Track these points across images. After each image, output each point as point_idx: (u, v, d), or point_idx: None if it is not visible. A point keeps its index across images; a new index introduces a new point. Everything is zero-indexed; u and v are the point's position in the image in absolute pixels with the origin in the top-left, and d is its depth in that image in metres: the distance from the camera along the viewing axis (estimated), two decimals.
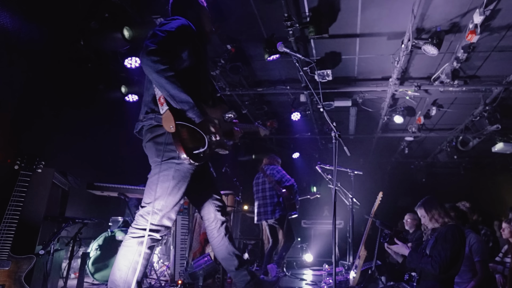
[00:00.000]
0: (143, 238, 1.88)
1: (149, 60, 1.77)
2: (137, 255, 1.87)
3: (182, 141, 1.82)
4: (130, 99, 5.51)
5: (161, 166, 1.92)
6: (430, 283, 2.70)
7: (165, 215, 1.94)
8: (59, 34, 4.15)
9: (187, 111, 1.84)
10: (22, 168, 2.57)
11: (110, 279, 1.90)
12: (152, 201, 1.92)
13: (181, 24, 2.00)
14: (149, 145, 2.02)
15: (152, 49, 1.78)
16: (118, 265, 1.88)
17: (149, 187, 1.97)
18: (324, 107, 2.57)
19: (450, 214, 2.91)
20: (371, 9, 4.19)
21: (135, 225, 1.93)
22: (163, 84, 1.79)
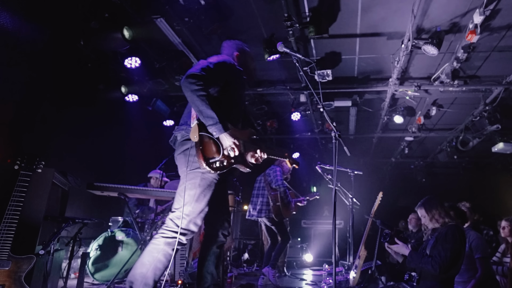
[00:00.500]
0: (171, 239, 2.07)
1: (186, 81, 2.12)
2: (161, 254, 2.04)
3: (202, 150, 2.10)
4: (130, 99, 5.51)
5: (188, 175, 2.17)
6: (430, 283, 2.70)
7: (191, 220, 2.13)
8: (59, 34, 4.14)
9: (210, 125, 2.10)
10: (22, 168, 2.57)
11: (131, 272, 2.04)
12: (180, 206, 2.12)
13: (222, 60, 2.38)
14: (180, 156, 2.29)
15: (191, 73, 2.14)
16: (142, 260, 2.04)
17: (178, 194, 2.19)
18: (324, 107, 2.58)
19: (450, 214, 2.91)
20: (371, 9, 4.19)
21: (165, 227, 2.12)
22: (194, 101, 2.10)
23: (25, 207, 2.57)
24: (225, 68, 2.36)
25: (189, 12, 4.16)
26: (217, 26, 4.41)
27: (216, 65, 2.29)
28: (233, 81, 2.41)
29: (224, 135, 2.11)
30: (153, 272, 2.00)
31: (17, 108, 3.66)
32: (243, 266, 6.52)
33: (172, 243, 2.06)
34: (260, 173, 5.20)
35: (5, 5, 3.33)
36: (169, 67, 5.20)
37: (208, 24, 4.38)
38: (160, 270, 2.03)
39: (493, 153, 7.23)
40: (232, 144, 2.13)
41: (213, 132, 2.11)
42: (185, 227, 2.11)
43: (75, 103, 4.71)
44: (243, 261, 6.72)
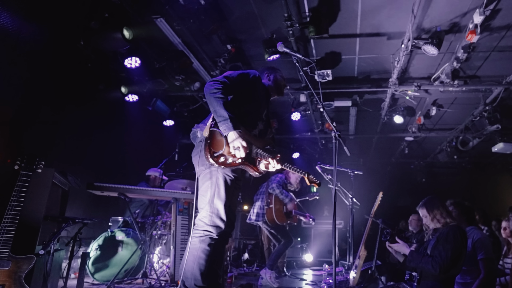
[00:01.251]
0: (203, 237, 2.26)
1: (208, 85, 2.32)
2: (200, 251, 2.24)
3: (209, 144, 2.25)
4: (130, 99, 5.51)
5: (207, 175, 2.33)
6: (430, 283, 2.70)
7: (217, 216, 2.27)
8: (59, 34, 4.14)
9: (220, 122, 2.23)
10: (22, 168, 2.57)
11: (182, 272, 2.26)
12: (205, 205, 2.30)
13: (246, 73, 2.59)
14: (196, 158, 2.43)
15: (213, 79, 2.35)
16: (187, 260, 2.25)
17: (201, 195, 2.36)
18: (324, 107, 2.60)
19: (452, 214, 2.90)
20: (371, 9, 4.19)
21: (196, 227, 2.30)
22: (211, 101, 2.27)
23: (25, 207, 2.56)
24: (247, 79, 2.55)
25: (189, 12, 4.16)
26: (217, 26, 4.42)
27: (240, 75, 2.51)
28: (255, 92, 2.58)
29: (233, 133, 2.20)
30: (198, 268, 2.20)
31: (17, 108, 3.66)
32: (243, 266, 6.52)
33: (205, 239, 2.24)
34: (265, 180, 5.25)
35: (5, 5, 3.33)
36: (169, 67, 5.20)
37: (208, 24, 4.38)
38: (204, 264, 2.21)
39: (493, 153, 7.23)
40: (239, 144, 2.20)
41: (222, 129, 2.21)
42: (211, 223, 2.26)
43: (75, 103, 4.70)
44: (243, 261, 6.72)
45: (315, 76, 5.35)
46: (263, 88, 2.74)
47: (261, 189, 5.15)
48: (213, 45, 4.97)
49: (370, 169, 10.77)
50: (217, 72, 5.50)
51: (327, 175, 5.07)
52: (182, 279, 2.25)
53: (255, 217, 4.89)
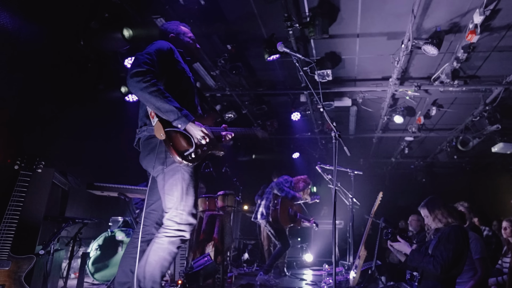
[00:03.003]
0: (174, 238, 2.08)
1: (132, 81, 1.99)
2: (166, 253, 2.06)
3: (173, 146, 2.04)
4: (130, 99, 5.50)
5: (168, 173, 2.12)
6: (431, 283, 2.70)
7: (188, 213, 2.12)
8: (59, 34, 4.14)
9: (173, 119, 2.02)
10: (22, 168, 2.57)
11: (138, 270, 2.05)
12: (174, 204, 2.10)
13: (159, 46, 2.24)
14: (150, 157, 2.19)
15: (134, 71, 2.01)
16: (148, 259, 2.04)
17: (167, 194, 2.13)
18: (324, 107, 2.57)
19: (453, 214, 2.90)
20: (371, 9, 4.19)
21: (166, 227, 2.10)
22: (148, 99, 1.99)
23: (25, 207, 2.56)
24: (164, 55, 2.23)
25: (189, 12, 4.16)
26: (217, 26, 4.42)
27: (154, 55, 2.15)
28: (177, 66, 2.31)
29: (190, 125, 2.05)
30: (159, 270, 2.04)
31: (17, 108, 3.66)
32: (243, 266, 6.52)
33: (175, 241, 2.08)
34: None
35: (5, 5, 3.33)
36: None
37: (208, 24, 4.38)
38: (166, 268, 2.07)
39: (493, 153, 7.23)
40: (201, 133, 2.08)
41: (178, 125, 2.04)
42: (185, 221, 2.10)
43: (75, 103, 4.70)
44: (243, 261, 6.72)
45: (315, 76, 5.35)
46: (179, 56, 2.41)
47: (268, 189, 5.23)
48: (213, 45, 4.96)
49: (370, 169, 10.78)
50: (217, 72, 5.50)
51: (327, 175, 5.07)
52: (137, 279, 2.02)
53: (260, 216, 4.99)
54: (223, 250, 4.30)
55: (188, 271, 3.57)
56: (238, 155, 8.78)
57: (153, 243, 2.08)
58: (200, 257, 3.73)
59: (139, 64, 2.03)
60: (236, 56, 5.03)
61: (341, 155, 2.46)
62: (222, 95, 6.26)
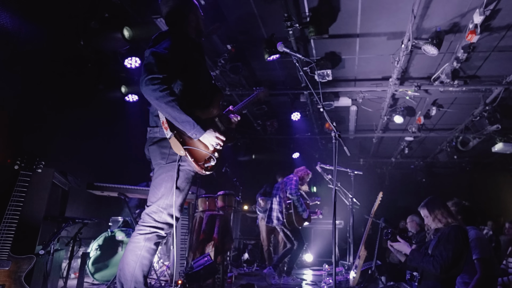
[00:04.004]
0: (149, 234, 2.01)
1: (148, 89, 1.90)
2: (144, 251, 1.99)
3: (195, 161, 2.04)
4: (130, 99, 5.51)
5: (165, 167, 2.09)
6: (431, 283, 2.70)
7: (169, 213, 2.05)
8: (59, 34, 4.14)
9: (189, 130, 1.98)
10: (22, 168, 2.57)
11: (118, 274, 1.99)
12: (157, 200, 2.05)
13: (173, 42, 2.09)
14: (153, 148, 2.16)
15: (150, 77, 1.90)
16: (126, 260, 1.98)
17: (154, 187, 2.10)
18: (324, 107, 2.56)
19: (453, 214, 2.90)
20: (371, 9, 4.19)
21: (142, 222, 2.04)
22: (164, 108, 1.93)
23: (25, 207, 2.56)
24: (180, 51, 2.11)
25: None
26: (217, 26, 4.41)
27: (169, 55, 2.02)
28: (192, 57, 2.21)
29: (206, 134, 2.02)
30: (140, 269, 1.97)
31: (17, 108, 3.66)
32: (243, 266, 6.52)
33: (152, 237, 2.01)
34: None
35: (5, 5, 3.33)
36: None
37: (208, 24, 4.38)
38: (147, 266, 2.00)
39: (493, 153, 7.24)
40: (216, 139, 2.07)
41: (191, 134, 1.99)
42: (163, 220, 2.03)
43: (75, 103, 4.70)
44: (243, 261, 6.72)
45: (315, 76, 5.35)
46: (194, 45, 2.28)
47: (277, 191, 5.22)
48: (213, 45, 4.96)
49: (370, 169, 10.78)
50: (217, 72, 5.50)
51: (327, 175, 5.07)
52: (119, 282, 1.97)
53: (276, 221, 5.06)
54: (223, 250, 4.30)
55: (188, 271, 3.57)
56: (238, 155, 8.78)
57: (130, 243, 2.02)
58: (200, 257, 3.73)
59: (153, 70, 1.91)
60: (236, 56, 5.03)
61: (341, 155, 2.46)
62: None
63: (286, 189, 5.06)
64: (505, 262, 3.85)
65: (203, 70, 2.31)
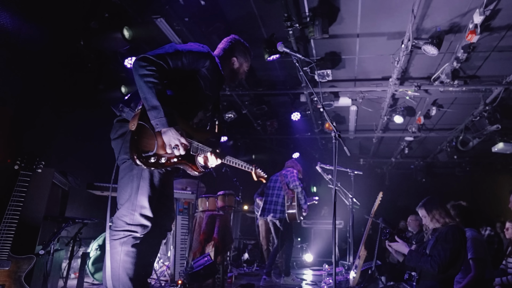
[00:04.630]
0: (124, 238, 1.93)
1: (136, 64, 1.91)
2: (123, 255, 1.91)
3: (136, 141, 1.85)
4: None
5: (130, 165, 1.99)
6: (430, 282, 2.70)
7: (141, 214, 1.96)
8: (59, 34, 4.14)
9: (153, 116, 1.87)
10: (22, 168, 2.57)
11: (105, 280, 1.95)
12: (125, 201, 1.98)
13: (197, 50, 2.12)
14: (117, 142, 2.10)
15: (144, 56, 1.91)
16: (110, 267, 1.92)
17: (120, 188, 2.02)
18: (324, 107, 2.55)
19: (451, 214, 2.90)
20: (371, 9, 4.19)
21: (114, 227, 1.97)
22: (141, 87, 1.89)
23: (25, 207, 2.56)
24: (194, 60, 2.09)
25: (189, 12, 4.16)
26: (217, 26, 4.41)
27: (181, 53, 2.02)
28: (205, 76, 2.15)
29: (169, 130, 1.87)
30: (125, 273, 1.91)
31: (17, 108, 3.66)
32: (243, 266, 6.52)
33: (127, 241, 1.93)
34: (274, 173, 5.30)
35: (5, 5, 3.33)
36: None
37: (208, 24, 4.38)
38: (131, 269, 1.92)
39: (493, 153, 7.24)
40: (178, 142, 1.90)
41: (155, 125, 1.87)
42: (134, 222, 1.93)
43: (75, 103, 4.70)
44: (243, 261, 6.72)
45: (315, 76, 5.35)
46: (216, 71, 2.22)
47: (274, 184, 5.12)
48: (213, 45, 4.94)
49: (370, 169, 10.78)
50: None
51: (327, 175, 5.07)
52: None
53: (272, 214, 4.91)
54: (223, 250, 4.30)
55: (188, 271, 3.57)
56: (238, 155, 8.78)
57: (107, 250, 1.94)
58: (200, 257, 3.73)
59: (156, 54, 1.94)
60: None
61: (341, 155, 2.46)
62: (222, 95, 6.26)
63: (287, 181, 4.98)
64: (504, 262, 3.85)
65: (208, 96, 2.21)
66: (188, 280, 3.56)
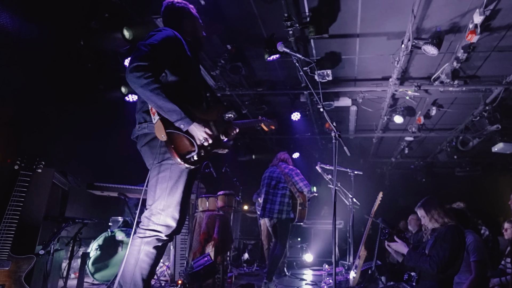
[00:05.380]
0: (149, 238, 1.96)
1: (132, 77, 1.85)
2: (142, 254, 1.95)
3: (174, 148, 1.92)
4: (130, 99, 5.51)
5: (158, 168, 2.04)
6: (429, 283, 2.70)
7: (168, 214, 2.00)
8: (59, 34, 4.14)
9: (175, 120, 1.90)
10: (22, 168, 2.57)
11: (121, 275, 1.98)
12: (153, 202, 2.01)
13: (165, 35, 2.08)
14: (144, 149, 2.14)
15: (134, 65, 1.86)
16: (127, 262, 1.95)
17: (150, 189, 2.06)
18: (324, 107, 2.56)
19: (450, 214, 2.91)
20: (371, 9, 4.19)
21: (141, 225, 2.01)
22: (149, 97, 1.87)
23: (25, 207, 2.57)
24: (170, 46, 2.07)
25: None
26: (217, 26, 4.41)
27: (159, 45, 1.98)
28: (184, 57, 2.16)
29: (194, 126, 1.92)
30: (139, 272, 1.93)
31: (17, 108, 3.66)
32: (243, 266, 6.53)
33: (151, 241, 1.96)
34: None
35: (5, 5, 3.33)
36: None
37: (208, 24, 4.37)
38: (146, 269, 1.95)
39: (493, 153, 7.24)
40: (204, 134, 1.97)
41: (181, 126, 1.91)
42: (162, 222, 1.98)
43: (75, 103, 4.70)
44: (243, 261, 6.72)
45: (315, 76, 5.35)
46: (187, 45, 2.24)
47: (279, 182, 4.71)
48: (213, 45, 4.96)
49: (370, 169, 10.78)
50: (217, 72, 5.50)
51: (327, 175, 5.07)
52: (119, 283, 1.94)
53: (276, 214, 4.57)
54: (223, 250, 4.30)
55: (188, 271, 3.57)
56: (238, 155, 8.78)
57: (130, 245, 1.98)
58: (200, 257, 3.73)
59: (140, 57, 1.88)
60: (236, 56, 5.03)
61: (341, 155, 2.46)
62: (222, 95, 6.26)
63: (295, 181, 4.58)
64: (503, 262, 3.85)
65: (195, 72, 2.25)
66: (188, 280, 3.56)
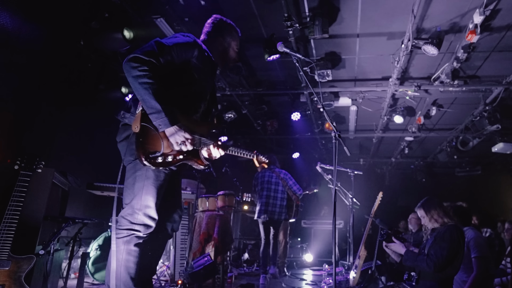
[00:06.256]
0: (127, 237, 1.95)
1: (128, 65, 1.87)
2: (125, 254, 1.94)
3: (142, 143, 1.89)
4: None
5: (135, 166, 2.00)
6: (429, 283, 2.70)
7: (144, 213, 1.97)
8: (59, 34, 4.14)
9: (154, 117, 1.88)
10: (22, 168, 2.57)
11: (107, 278, 1.96)
12: (130, 201, 1.99)
13: (183, 41, 2.09)
14: (122, 144, 2.11)
15: (134, 56, 1.87)
16: (112, 268, 1.93)
17: (126, 188, 2.03)
18: (324, 107, 2.55)
19: (449, 214, 2.91)
20: (371, 9, 4.19)
21: (118, 226, 1.99)
22: (137, 89, 1.87)
23: (25, 207, 2.56)
24: (183, 52, 2.07)
25: (189, 12, 4.16)
26: None
27: (170, 48, 2.00)
28: (192, 64, 2.12)
29: (173, 128, 1.89)
30: (126, 272, 1.93)
31: (18, 108, 3.66)
32: (243, 266, 6.53)
33: (130, 240, 1.95)
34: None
35: (5, 5, 3.33)
36: None
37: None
38: (132, 268, 1.94)
39: (493, 153, 7.24)
40: (182, 138, 1.92)
41: (158, 125, 1.88)
42: (139, 221, 1.95)
43: (75, 103, 4.70)
44: (243, 261, 6.73)
45: (315, 76, 5.35)
46: (206, 58, 2.20)
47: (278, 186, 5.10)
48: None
49: (370, 169, 10.78)
50: (217, 72, 5.49)
51: (327, 175, 5.07)
52: (108, 286, 1.93)
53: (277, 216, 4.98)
54: (223, 250, 4.30)
55: (188, 271, 3.57)
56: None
57: (111, 248, 1.96)
58: (200, 257, 3.73)
59: (145, 51, 1.90)
60: None
61: (341, 155, 2.45)
62: (222, 95, 6.26)
63: (290, 185, 5.08)
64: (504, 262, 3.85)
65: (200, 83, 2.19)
66: (188, 280, 3.56)
